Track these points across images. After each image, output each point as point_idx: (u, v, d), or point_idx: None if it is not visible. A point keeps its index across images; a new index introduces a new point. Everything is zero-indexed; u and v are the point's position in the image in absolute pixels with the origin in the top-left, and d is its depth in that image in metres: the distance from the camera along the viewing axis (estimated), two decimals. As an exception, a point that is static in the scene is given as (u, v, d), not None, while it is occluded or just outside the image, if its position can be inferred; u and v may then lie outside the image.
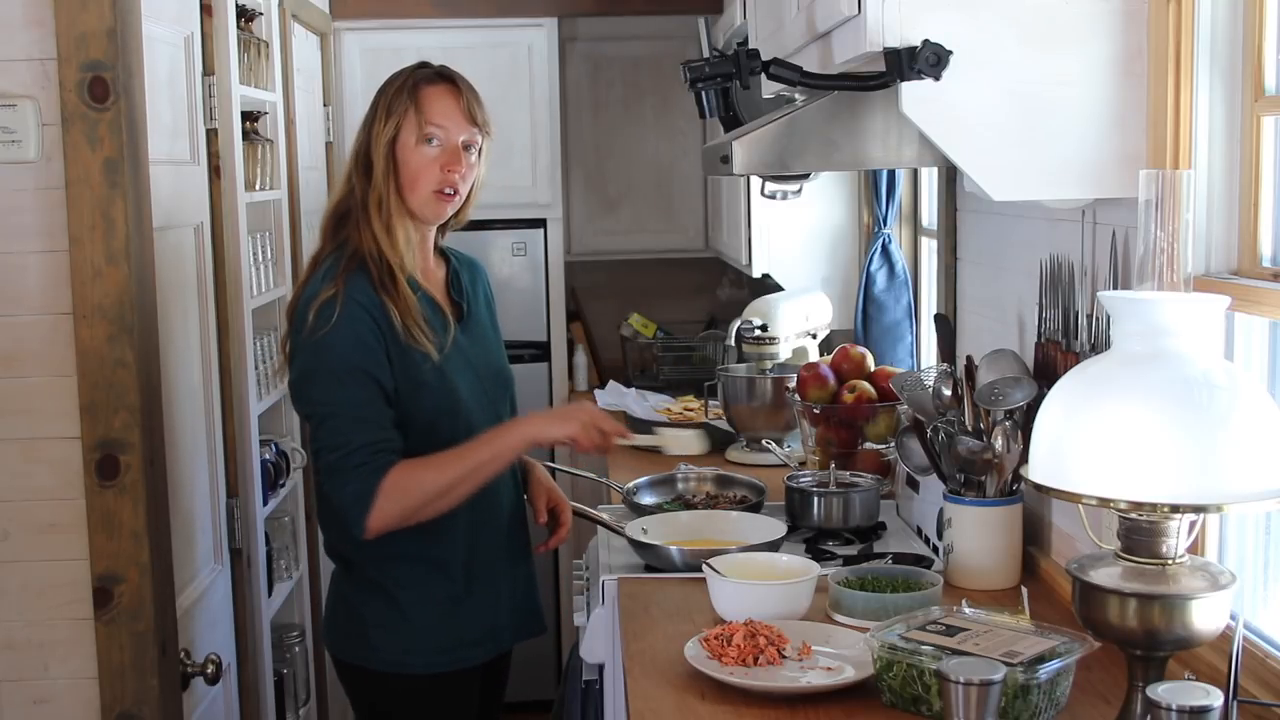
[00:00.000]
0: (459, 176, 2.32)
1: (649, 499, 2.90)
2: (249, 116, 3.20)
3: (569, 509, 2.61)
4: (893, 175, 3.62)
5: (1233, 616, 1.59)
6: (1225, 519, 1.90)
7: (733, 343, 3.78)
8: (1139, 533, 1.58)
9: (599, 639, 2.42)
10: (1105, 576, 1.59)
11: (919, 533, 2.66)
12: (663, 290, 5.20)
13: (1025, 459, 1.67)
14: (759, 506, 2.82)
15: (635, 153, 5.03)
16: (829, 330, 3.99)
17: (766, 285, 4.18)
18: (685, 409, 3.95)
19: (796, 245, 4.04)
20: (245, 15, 3.20)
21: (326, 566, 3.86)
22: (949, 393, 2.41)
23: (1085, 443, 1.52)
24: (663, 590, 2.36)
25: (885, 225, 3.66)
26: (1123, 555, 1.60)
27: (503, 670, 2.54)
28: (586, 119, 5.03)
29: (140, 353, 2.33)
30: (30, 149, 2.27)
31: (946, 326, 2.83)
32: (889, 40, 1.86)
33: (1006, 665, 1.66)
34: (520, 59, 4.63)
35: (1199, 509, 1.48)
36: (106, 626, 2.35)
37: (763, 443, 3.29)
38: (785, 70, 2.07)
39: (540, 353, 4.76)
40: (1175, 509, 1.48)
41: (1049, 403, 1.60)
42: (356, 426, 2.20)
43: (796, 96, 2.46)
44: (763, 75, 2.11)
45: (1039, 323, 2.34)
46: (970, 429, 2.33)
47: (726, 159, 2.15)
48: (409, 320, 2.26)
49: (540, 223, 4.73)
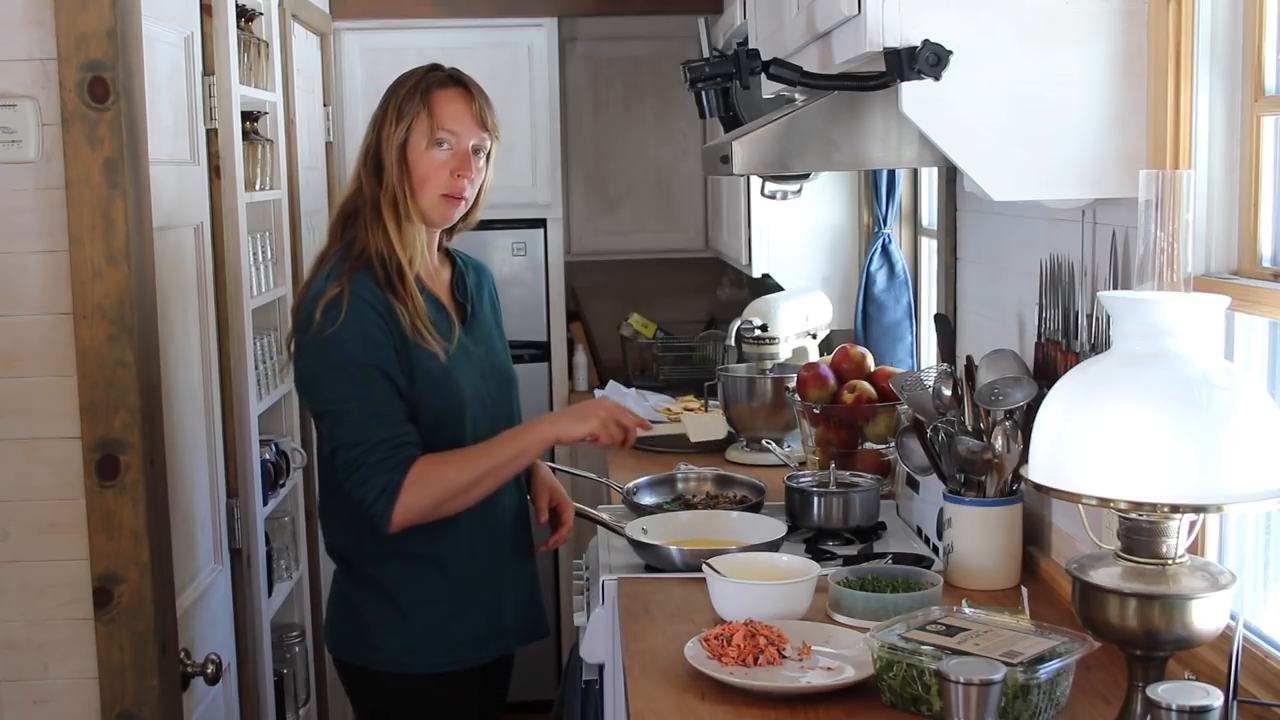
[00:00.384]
0: (468, 181, 2.33)
1: (649, 499, 2.90)
2: (249, 116, 3.20)
3: (571, 509, 2.62)
4: (893, 175, 3.62)
5: (1233, 616, 1.59)
6: (1225, 519, 1.90)
7: (733, 343, 3.78)
8: (1139, 533, 1.58)
9: (599, 639, 2.42)
10: (1105, 576, 1.59)
11: (919, 533, 2.66)
12: (663, 290, 5.20)
13: (1025, 459, 1.68)
14: (759, 506, 2.82)
15: (635, 153, 5.03)
16: (829, 330, 3.99)
17: (766, 285, 4.18)
18: (685, 409, 3.95)
19: (796, 245, 4.04)
20: (245, 15, 3.20)
21: (326, 566, 3.86)
22: (949, 393, 2.41)
23: (1085, 443, 1.52)
24: (663, 590, 2.36)
25: (885, 225, 3.66)
26: (1123, 555, 1.60)
27: (504, 673, 2.54)
28: (586, 119, 5.03)
29: (140, 353, 2.33)
30: (30, 149, 2.27)
31: (946, 326, 2.83)
32: (889, 40, 1.86)
33: (1006, 665, 1.66)
34: (520, 59, 4.63)
35: (1199, 509, 1.48)
36: (106, 626, 2.35)
37: (763, 443, 3.29)
38: (785, 70, 2.07)
39: (540, 353, 4.76)
40: (1175, 509, 1.48)
41: (1049, 403, 1.60)
42: (373, 422, 2.21)
43: (796, 96, 2.46)
44: (763, 75, 2.11)
45: (1039, 323, 2.34)
46: (970, 429, 2.33)
47: (726, 159, 2.15)
48: (417, 321, 2.27)
49: (540, 223, 4.73)
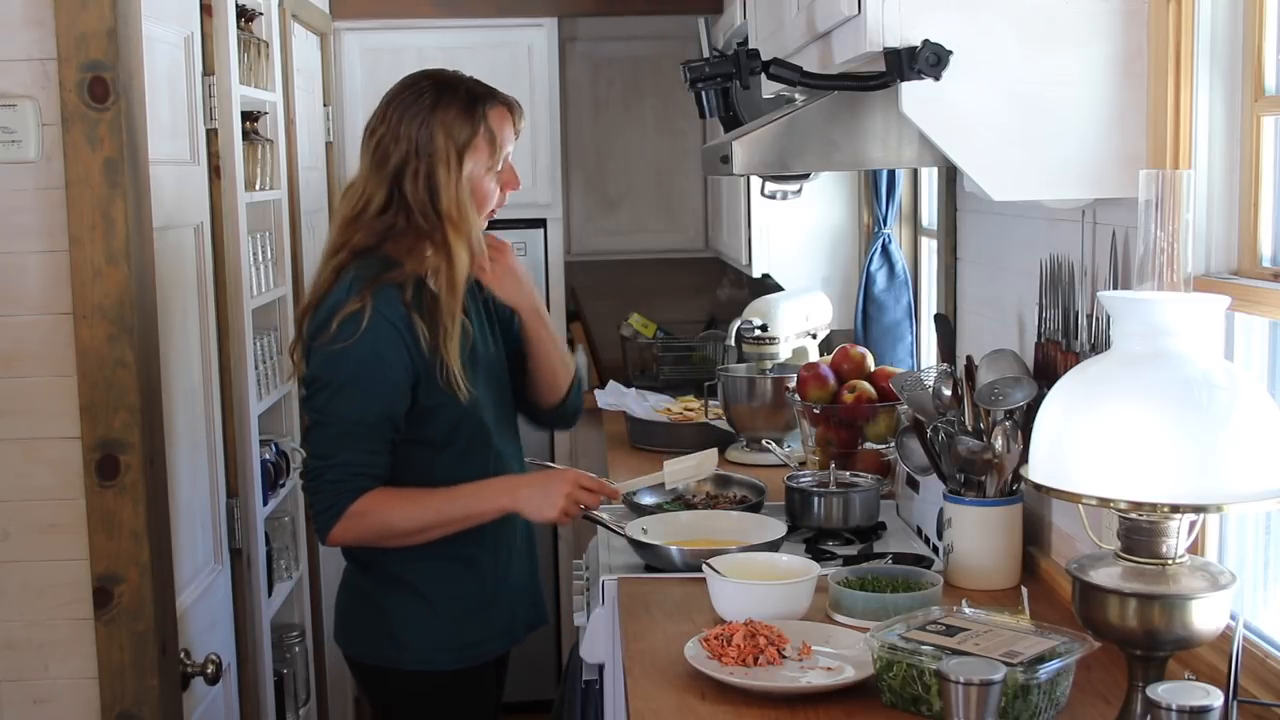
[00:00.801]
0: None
1: (649, 499, 2.90)
2: (249, 116, 3.20)
3: None
4: (893, 175, 3.62)
5: (1233, 616, 1.59)
6: (1225, 519, 1.90)
7: (733, 343, 3.78)
8: (1139, 533, 1.58)
9: (599, 639, 2.42)
10: (1105, 576, 1.59)
11: (919, 533, 2.66)
12: (663, 290, 5.20)
13: (1025, 459, 1.67)
14: (759, 506, 2.82)
15: (635, 153, 5.03)
16: (829, 330, 3.99)
17: (766, 285, 4.18)
18: (685, 409, 3.95)
19: (796, 245, 4.04)
20: (245, 15, 3.20)
21: (327, 566, 3.87)
22: (949, 393, 2.41)
23: (1085, 443, 1.52)
24: (663, 590, 2.36)
25: (885, 225, 3.66)
26: (1123, 555, 1.60)
27: (504, 664, 2.55)
28: (586, 119, 5.03)
29: (140, 353, 2.33)
30: (30, 149, 2.27)
31: (946, 326, 2.83)
32: (889, 40, 1.86)
33: (1006, 665, 1.66)
34: (520, 59, 4.63)
35: (1199, 509, 1.48)
36: (106, 626, 2.35)
37: (763, 443, 3.29)
38: (785, 70, 2.07)
39: (540, 353, 4.75)
40: (1175, 509, 1.48)
41: (1049, 403, 1.60)
42: (342, 442, 2.23)
43: (796, 96, 2.46)
44: (763, 75, 2.11)
45: (1039, 323, 2.34)
46: (970, 429, 2.33)
47: (726, 159, 2.15)
48: (449, 356, 2.24)
49: (540, 223, 4.73)
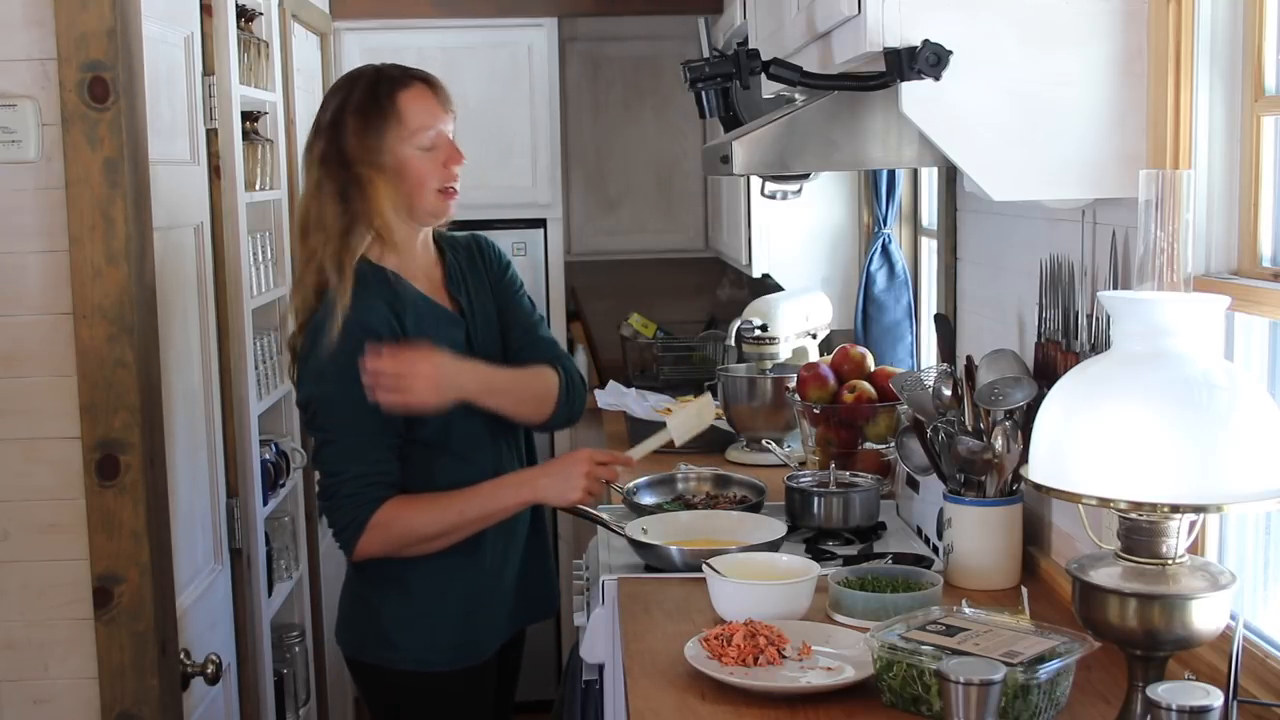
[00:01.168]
0: (458, 167, 2.34)
1: (649, 499, 2.90)
2: (249, 116, 3.20)
3: None
4: (893, 175, 3.62)
5: (1233, 616, 1.59)
6: (1225, 519, 1.90)
7: (733, 343, 3.78)
8: (1139, 533, 1.58)
9: (599, 639, 2.42)
10: (1105, 576, 1.59)
11: (919, 533, 2.66)
12: (663, 290, 5.20)
13: (1025, 459, 1.67)
14: (759, 506, 2.82)
15: (635, 153, 5.03)
16: (829, 330, 3.99)
17: (766, 285, 4.18)
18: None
19: (796, 245, 4.04)
20: (245, 15, 3.20)
21: (327, 566, 3.88)
22: (949, 393, 2.41)
23: (1085, 443, 1.52)
24: (663, 590, 2.36)
25: (885, 225, 3.66)
26: (1123, 555, 1.60)
27: (514, 662, 2.55)
28: (586, 119, 5.03)
29: (140, 353, 2.32)
30: (30, 149, 2.27)
31: (946, 326, 2.83)
32: (889, 40, 1.86)
33: (1006, 665, 1.66)
34: (520, 59, 4.63)
35: (1199, 509, 1.48)
36: (106, 626, 2.35)
37: (763, 443, 3.29)
38: (785, 70, 2.07)
39: (540, 353, 4.75)
40: (1175, 509, 1.48)
41: (1049, 403, 1.60)
42: (350, 456, 2.24)
43: (796, 96, 2.46)
44: (763, 75, 2.11)
45: (1039, 323, 2.34)
46: (970, 429, 2.33)
47: (726, 159, 2.15)
48: (423, 330, 2.28)
49: (540, 223, 4.73)
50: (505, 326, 2.47)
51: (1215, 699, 1.48)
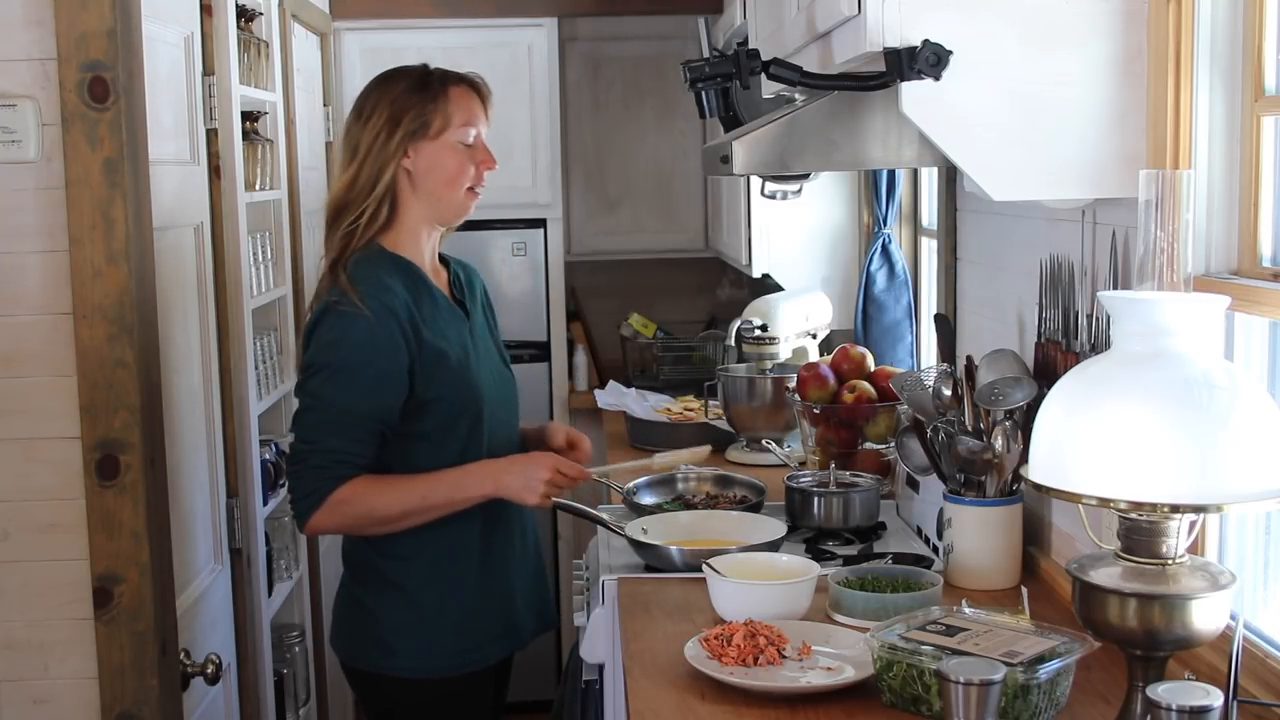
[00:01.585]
0: (487, 171, 2.37)
1: (649, 499, 2.90)
2: (249, 116, 3.20)
3: (584, 438, 2.60)
4: (893, 175, 3.62)
5: (1233, 616, 1.59)
6: (1225, 519, 1.90)
7: (733, 343, 3.78)
8: (1139, 533, 1.58)
9: (599, 639, 2.42)
10: (1105, 576, 1.59)
11: (919, 533, 2.66)
12: (663, 290, 5.20)
13: (1025, 459, 1.67)
14: (759, 506, 2.82)
15: (635, 153, 5.03)
16: (829, 330, 3.99)
17: (766, 285, 4.18)
18: (685, 409, 3.95)
19: (796, 245, 4.04)
20: (245, 15, 3.20)
21: (327, 567, 3.87)
22: (949, 393, 2.41)
23: (1085, 443, 1.52)
24: (663, 590, 2.36)
25: (885, 225, 3.66)
26: (1123, 555, 1.60)
27: (508, 670, 2.55)
28: (586, 119, 5.03)
29: (140, 353, 2.33)
30: (30, 149, 2.27)
31: (946, 326, 2.83)
32: (889, 40, 1.86)
33: (1006, 665, 1.66)
34: (520, 59, 4.63)
35: (1199, 509, 1.48)
36: (106, 626, 2.35)
37: (763, 443, 3.29)
38: (785, 70, 2.07)
39: (540, 353, 4.76)
40: (1175, 509, 1.48)
41: (1049, 403, 1.60)
42: (330, 428, 2.23)
43: (796, 96, 2.46)
44: (763, 75, 2.11)
45: (1039, 323, 2.34)
46: (970, 429, 2.33)
47: (726, 159, 2.15)
48: (436, 318, 2.29)
49: (540, 223, 4.73)
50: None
51: (1215, 699, 1.48)
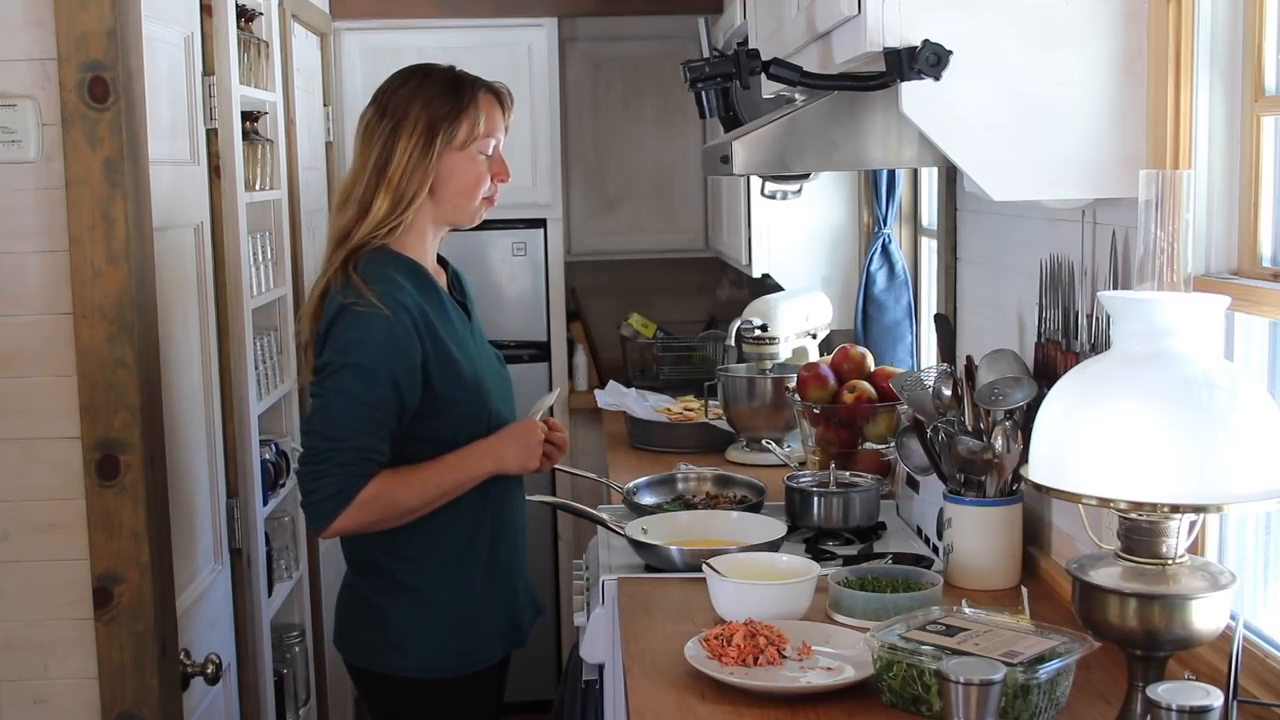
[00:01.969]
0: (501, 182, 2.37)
1: (649, 499, 2.90)
2: (249, 116, 3.20)
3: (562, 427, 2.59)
4: (893, 175, 3.62)
5: (1233, 616, 1.59)
6: (1225, 519, 1.90)
7: (733, 343, 3.78)
8: (1139, 533, 1.58)
9: (599, 639, 2.42)
10: (1105, 576, 1.59)
11: (919, 533, 2.66)
12: (663, 290, 5.20)
13: (1025, 459, 1.68)
14: (759, 506, 2.82)
15: (635, 153, 5.03)
16: (829, 330, 3.99)
17: (766, 285, 4.18)
18: (685, 409, 3.95)
19: (796, 245, 4.04)
20: (245, 15, 3.20)
21: (327, 567, 3.87)
22: (949, 393, 2.41)
23: (1085, 443, 1.52)
24: (663, 590, 2.36)
25: (885, 225, 3.66)
26: (1123, 555, 1.60)
27: (506, 667, 2.55)
28: (586, 119, 5.03)
29: (140, 353, 2.33)
30: (30, 149, 2.27)
31: (946, 326, 2.83)
32: (889, 40, 1.86)
33: (1006, 665, 1.66)
34: (520, 59, 4.63)
35: (1199, 509, 1.48)
36: (106, 626, 2.35)
37: (763, 443, 3.29)
38: (785, 70, 2.07)
39: (540, 353, 4.76)
40: (1175, 509, 1.48)
41: (1049, 403, 1.60)
42: (356, 425, 2.19)
43: (796, 96, 2.46)
44: (763, 75, 2.11)
45: (1039, 323, 2.34)
46: (970, 429, 2.33)
47: (726, 159, 2.15)
48: (446, 321, 2.29)
49: (540, 223, 4.73)
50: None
51: (1215, 699, 1.48)
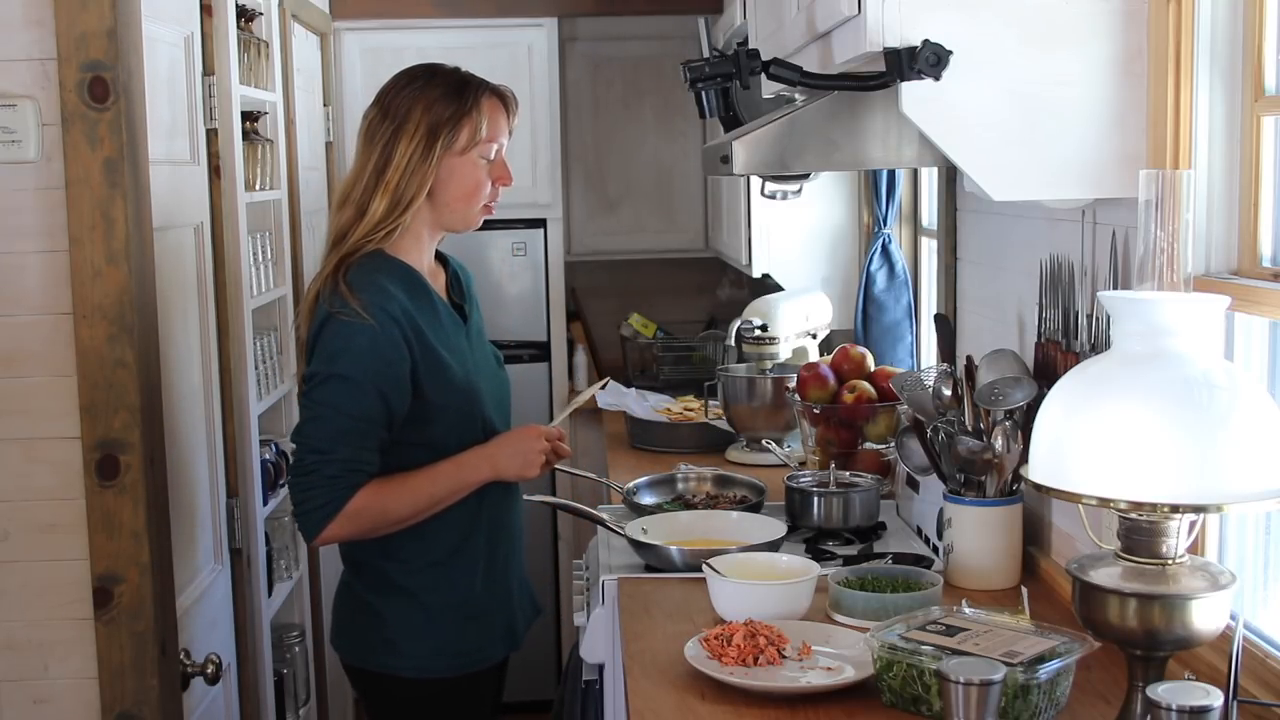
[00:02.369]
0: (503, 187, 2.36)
1: (649, 499, 2.90)
2: (249, 116, 3.20)
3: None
4: (893, 175, 3.62)
5: (1233, 616, 1.59)
6: (1225, 519, 1.90)
7: (733, 343, 3.78)
8: (1139, 533, 1.58)
9: (599, 639, 2.42)
10: (1105, 576, 1.59)
11: (919, 533, 2.66)
12: (663, 290, 5.20)
13: (1025, 459, 1.68)
14: (759, 506, 2.82)
15: (635, 153, 5.03)
16: (829, 330, 3.99)
17: (766, 285, 4.19)
18: (685, 409, 3.95)
19: (796, 245, 4.04)
20: (245, 15, 3.20)
21: (327, 567, 3.87)
22: (949, 393, 2.41)
23: (1085, 443, 1.52)
24: (663, 590, 2.36)
25: (885, 225, 3.66)
26: (1123, 555, 1.60)
27: (505, 668, 2.55)
28: (586, 119, 5.03)
29: (140, 353, 2.33)
30: (30, 149, 2.27)
31: (946, 326, 2.83)
32: (889, 40, 1.86)
33: (1006, 665, 1.66)
34: (520, 59, 4.63)
35: (1199, 509, 1.48)
36: (106, 626, 2.35)
37: (763, 443, 3.29)
38: (785, 70, 2.07)
39: (540, 353, 4.76)
40: (1175, 509, 1.48)
41: (1049, 403, 1.60)
42: (342, 438, 2.19)
43: (796, 96, 2.46)
44: (763, 75, 2.11)
45: (1039, 323, 2.34)
46: (970, 429, 2.33)
47: (726, 159, 2.15)
48: (437, 326, 2.27)
49: (540, 223, 4.73)
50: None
51: (1215, 699, 1.48)
